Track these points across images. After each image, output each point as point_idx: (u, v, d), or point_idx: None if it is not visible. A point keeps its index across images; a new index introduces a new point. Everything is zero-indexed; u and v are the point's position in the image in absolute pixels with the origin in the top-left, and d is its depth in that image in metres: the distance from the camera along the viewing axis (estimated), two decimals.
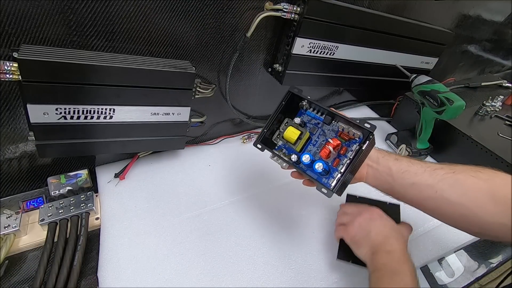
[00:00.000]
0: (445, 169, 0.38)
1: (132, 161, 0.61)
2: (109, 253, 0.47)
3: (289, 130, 0.44)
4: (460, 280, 0.52)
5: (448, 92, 0.61)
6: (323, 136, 0.44)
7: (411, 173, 0.39)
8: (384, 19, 0.65)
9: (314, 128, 0.45)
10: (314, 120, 0.46)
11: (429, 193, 0.38)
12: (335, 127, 0.44)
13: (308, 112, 0.46)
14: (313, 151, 0.44)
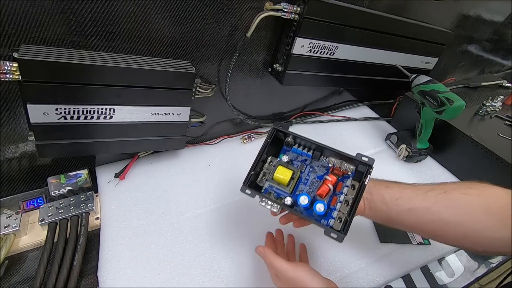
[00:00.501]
0: (436, 190, 0.38)
1: (132, 161, 0.61)
2: (109, 253, 0.47)
3: (280, 171, 0.40)
4: (460, 280, 0.52)
5: (448, 92, 0.61)
6: (314, 173, 0.41)
7: (404, 199, 0.39)
8: (384, 19, 0.65)
9: (302, 166, 0.42)
10: (301, 156, 0.42)
11: (427, 217, 0.37)
12: (325, 162, 0.41)
13: (293, 149, 0.43)
14: (306, 190, 0.40)
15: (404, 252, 0.52)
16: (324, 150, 0.40)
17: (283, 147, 0.44)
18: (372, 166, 0.36)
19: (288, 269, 0.37)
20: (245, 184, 0.40)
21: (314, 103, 0.84)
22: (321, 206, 0.37)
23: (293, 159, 0.43)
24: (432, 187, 0.39)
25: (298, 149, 0.42)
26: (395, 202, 0.39)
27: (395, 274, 0.50)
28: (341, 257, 0.51)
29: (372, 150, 0.76)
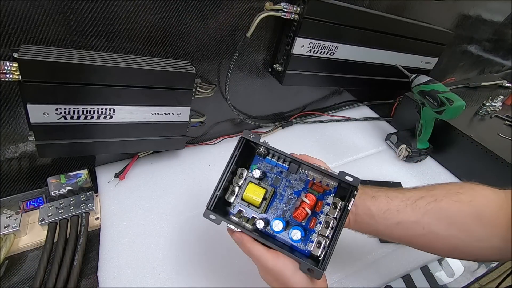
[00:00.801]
0: (426, 198, 0.36)
1: (132, 161, 0.61)
2: (109, 253, 0.47)
3: (250, 190, 0.36)
4: (460, 280, 0.52)
5: (448, 92, 0.61)
6: (290, 188, 0.37)
7: (392, 211, 0.36)
8: (384, 19, 0.65)
9: (277, 179, 0.37)
10: (276, 168, 0.37)
11: (417, 231, 0.36)
12: (303, 175, 0.37)
13: (267, 160, 0.37)
14: (281, 208, 0.36)
15: (404, 252, 0.52)
16: (302, 164, 0.36)
17: (256, 157, 0.38)
18: (357, 187, 0.32)
19: (267, 258, 0.32)
20: (209, 207, 0.34)
21: (314, 103, 0.84)
22: (297, 233, 0.33)
23: (267, 171, 0.38)
24: (421, 193, 0.37)
25: (272, 159, 0.37)
26: (382, 216, 0.36)
27: (395, 274, 0.50)
28: (341, 257, 0.51)
29: (372, 150, 0.76)
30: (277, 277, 0.32)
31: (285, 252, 0.32)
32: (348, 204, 0.32)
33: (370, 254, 0.51)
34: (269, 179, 0.37)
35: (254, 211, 0.36)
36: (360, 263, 0.50)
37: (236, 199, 0.37)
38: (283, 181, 0.37)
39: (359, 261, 0.50)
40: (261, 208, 0.36)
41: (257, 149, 0.37)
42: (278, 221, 0.34)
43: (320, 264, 0.31)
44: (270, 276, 0.33)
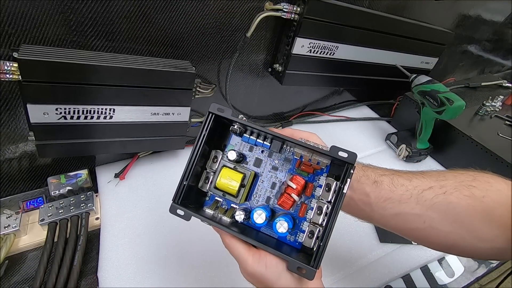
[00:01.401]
0: (435, 190, 0.32)
1: (132, 161, 0.61)
2: (109, 253, 0.47)
3: (225, 175, 0.30)
4: (460, 280, 0.52)
5: (448, 92, 0.61)
6: (274, 170, 0.31)
7: (394, 201, 0.32)
8: (384, 19, 0.65)
9: (259, 161, 0.32)
10: (256, 148, 0.32)
11: (416, 224, 0.32)
12: (289, 154, 0.31)
13: (244, 138, 0.31)
14: (264, 195, 0.31)
15: (404, 252, 0.52)
16: (285, 140, 0.30)
17: (231, 135, 0.32)
18: (354, 165, 0.27)
19: (246, 260, 0.28)
20: (176, 201, 0.29)
21: (314, 103, 0.84)
22: (283, 224, 0.28)
23: (246, 152, 0.32)
24: (430, 182, 0.33)
25: (250, 137, 0.31)
26: (381, 205, 0.33)
27: (395, 274, 0.50)
28: (341, 257, 0.51)
29: (372, 150, 0.76)
30: (259, 281, 0.29)
31: (270, 249, 0.27)
32: (344, 186, 0.27)
33: (370, 254, 0.51)
34: (248, 161, 0.31)
35: (232, 201, 0.31)
36: (360, 263, 0.50)
37: (210, 187, 0.31)
38: (266, 162, 0.31)
39: (359, 261, 0.50)
40: (239, 197, 0.30)
41: (231, 126, 0.30)
42: (260, 211, 0.28)
43: (312, 261, 0.27)
44: (251, 278, 0.29)
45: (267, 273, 0.28)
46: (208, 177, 0.31)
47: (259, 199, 0.32)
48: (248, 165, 0.32)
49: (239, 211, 0.29)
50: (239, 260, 0.29)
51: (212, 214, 0.31)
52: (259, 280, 0.28)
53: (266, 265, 0.28)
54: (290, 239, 0.30)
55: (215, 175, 0.31)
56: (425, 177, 0.34)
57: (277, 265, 0.28)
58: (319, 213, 0.29)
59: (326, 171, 0.30)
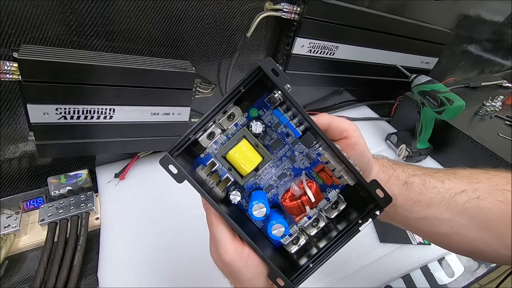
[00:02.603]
0: (468, 193, 0.30)
1: (132, 161, 0.61)
2: (109, 253, 0.47)
3: (242, 151, 0.25)
4: (460, 280, 0.51)
5: (448, 92, 0.61)
6: (290, 161, 0.27)
7: (423, 204, 0.30)
8: (384, 19, 0.65)
9: (278, 143, 0.27)
10: (283, 128, 0.27)
11: (442, 229, 0.30)
12: (314, 152, 0.27)
13: (275, 112, 0.26)
14: (267, 179, 0.28)
15: (404, 252, 0.52)
16: (321, 140, 0.25)
17: (261, 99, 0.26)
18: (384, 208, 0.24)
19: (227, 248, 0.26)
20: (172, 152, 0.25)
21: (314, 103, 0.84)
22: (279, 228, 0.25)
23: (269, 125, 0.27)
24: (463, 185, 0.30)
25: (284, 115, 0.25)
26: (408, 208, 0.30)
27: (395, 274, 0.50)
28: (341, 257, 0.51)
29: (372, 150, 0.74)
30: (231, 273, 0.27)
31: (259, 252, 0.25)
32: (362, 224, 0.24)
33: (370, 254, 0.51)
34: (267, 138, 0.27)
35: (235, 178, 0.26)
36: (360, 263, 0.50)
37: (212, 146, 0.26)
38: (285, 149, 0.27)
39: (359, 261, 0.50)
40: (245, 179, 0.26)
41: (272, 92, 0.24)
42: (260, 205, 0.25)
43: (294, 277, 0.24)
44: (222, 266, 0.28)
45: (244, 270, 0.26)
46: (213, 132, 0.26)
47: (260, 182, 0.28)
48: (265, 143, 0.27)
49: (236, 192, 0.26)
50: (218, 244, 0.27)
51: (204, 179, 0.26)
52: (230, 272, 0.27)
53: (246, 262, 0.26)
54: None
55: (225, 138, 0.26)
56: (457, 178, 0.31)
57: (257, 267, 0.26)
58: (313, 225, 0.27)
59: (341, 188, 0.28)
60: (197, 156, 0.27)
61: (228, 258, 0.26)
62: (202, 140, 0.26)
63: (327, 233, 0.27)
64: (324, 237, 0.27)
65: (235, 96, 0.24)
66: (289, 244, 0.27)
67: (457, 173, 0.32)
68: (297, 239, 0.27)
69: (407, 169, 0.32)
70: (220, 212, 0.25)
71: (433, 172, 0.32)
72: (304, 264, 0.25)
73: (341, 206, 0.27)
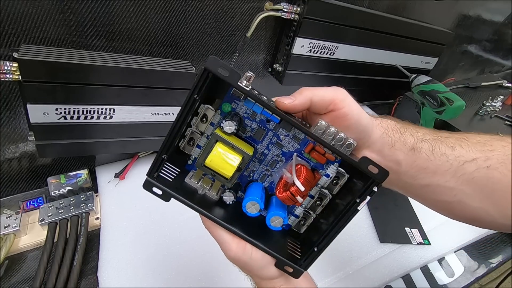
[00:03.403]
0: (478, 162, 0.28)
1: (132, 161, 0.61)
2: (109, 253, 0.47)
3: (218, 155, 0.25)
4: (460, 280, 0.51)
5: (448, 92, 0.61)
6: (278, 146, 0.27)
7: (428, 171, 0.28)
8: (384, 19, 0.65)
9: (260, 132, 0.26)
10: (260, 116, 0.26)
11: (445, 197, 0.29)
12: (296, 133, 0.26)
13: (246, 103, 0.26)
14: (260, 171, 0.27)
15: (404, 252, 0.52)
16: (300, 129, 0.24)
17: (229, 93, 0.26)
18: (381, 184, 0.24)
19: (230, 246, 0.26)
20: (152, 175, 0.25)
21: None
22: (277, 220, 0.25)
23: (245, 116, 0.26)
24: (475, 153, 0.28)
25: (255, 104, 0.25)
26: (412, 174, 0.29)
27: (395, 274, 0.50)
28: (341, 257, 0.51)
29: None
30: (243, 266, 0.27)
31: (257, 244, 0.25)
32: (360, 202, 0.24)
33: (370, 254, 0.51)
34: (248, 130, 0.26)
35: (222, 182, 0.26)
36: (360, 263, 0.50)
37: (196, 151, 0.26)
38: (269, 135, 0.26)
39: (359, 261, 0.50)
40: (232, 181, 0.26)
41: (233, 90, 0.25)
42: (253, 202, 0.25)
43: (302, 260, 0.25)
44: (235, 262, 0.28)
45: (251, 263, 0.27)
46: (193, 138, 0.26)
47: (253, 175, 0.28)
48: (246, 135, 0.26)
49: (228, 192, 0.26)
50: (221, 245, 0.27)
51: (195, 186, 0.27)
52: (243, 266, 0.27)
53: (251, 256, 0.26)
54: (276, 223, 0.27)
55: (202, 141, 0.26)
56: (470, 144, 0.29)
57: (263, 258, 0.26)
58: (318, 203, 0.26)
59: (339, 161, 0.26)
60: (186, 164, 0.27)
61: (232, 255, 0.26)
62: (185, 148, 0.26)
63: (335, 208, 0.27)
64: (332, 213, 0.26)
65: (191, 106, 0.24)
66: (298, 225, 0.28)
67: (470, 139, 0.30)
68: (304, 219, 0.27)
69: (417, 133, 0.30)
70: (212, 219, 0.25)
71: (444, 137, 0.30)
72: (310, 249, 0.25)
73: (342, 181, 0.26)
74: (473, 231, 0.57)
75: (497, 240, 0.58)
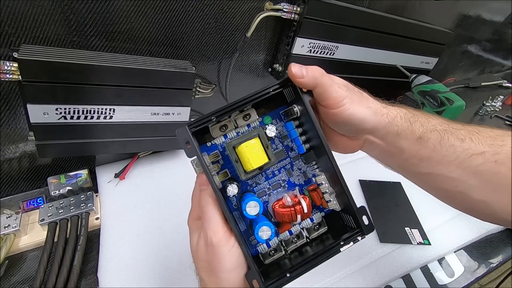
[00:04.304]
0: (486, 156, 0.27)
1: (132, 161, 0.61)
2: (109, 253, 0.47)
3: (252, 148, 0.26)
4: (460, 280, 0.51)
5: (448, 92, 0.61)
6: (288, 173, 0.29)
7: (432, 161, 0.28)
8: (384, 19, 0.65)
9: (281, 154, 0.29)
10: (289, 142, 0.29)
11: (446, 186, 0.29)
12: (311, 171, 0.29)
13: (288, 124, 0.28)
14: (262, 186, 0.29)
15: (404, 252, 0.52)
16: (323, 159, 0.27)
17: (277, 111, 0.29)
18: (365, 236, 0.26)
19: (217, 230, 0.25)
20: (190, 126, 0.25)
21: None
22: (266, 231, 0.26)
23: (278, 136, 0.29)
24: (484, 147, 0.28)
25: (295, 129, 0.28)
26: (415, 162, 0.29)
27: (395, 274, 0.50)
28: (341, 257, 0.50)
29: None
30: (211, 259, 0.26)
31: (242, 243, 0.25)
32: (344, 245, 0.26)
33: (370, 254, 0.51)
34: (272, 147, 0.28)
35: (237, 171, 0.27)
36: (360, 263, 0.50)
37: (221, 138, 0.28)
38: (286, 161, 0.29)
39: (359, 261, 0.50)
40: (247, 176, 0.27)
41: (292, 106, 0.27)
42: (256, 203, 0.26)
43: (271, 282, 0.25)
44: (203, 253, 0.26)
45: (227, 257, 0.25)
46: (226, 125, 0.27)
47: (255, 187, 0.29)
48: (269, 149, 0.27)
49: (234, 185, 0.26)
50: (209, 225, 0.26)
51: (207, 163, 0.27)
52: (212, 258, 0.26)
53: (231, 249, 0.25)
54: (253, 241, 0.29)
55: (236, 134, 0.28)
56: (480, 138, 0.29)
57: (239, 257, 0.26)
58: (294, 241, 0.28)
59: (327, 212, 0.30)
60: (204, 144, 0.28)
61: (215, 240, 0.25)
62: (214, 130, 0.27)
63: (303, 253, 0.29)
64: (300, 256, 0.28)
65: (262, 96, 0.26)
66: (266, 254, 0.28)
67: (482, 132, 0.30)
68: (274, 251, 0.28)
69: (428, 123, 0.30)
70: (219, 197, 0.25)
71: (456, 129, 0.30)
72: (282, 274, 0.26)
73: (322, 229, 0.29)
74: (473, 231, 0.57)
75: (497, 240, 0.58)
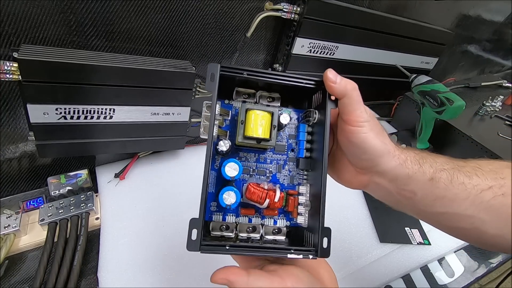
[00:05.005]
0: (494, 190, 0.28)
1: (132, 161, 0.61)
2: (109, 253, 0.47)
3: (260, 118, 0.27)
4: (460, 280, 0.52)
5: (448, 92, 0.61)
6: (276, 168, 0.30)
7: (446, 200, 0.29)
8: (384, 19, 0.65)
9: (281, 148, 0.30)
10: (294, 142, 0.30)
11: (462, 224, 0.29)
12: (298, 179, 0.30)
13: (302, 125, 0.30)
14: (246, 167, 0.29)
15: (404, 252, 0.52)
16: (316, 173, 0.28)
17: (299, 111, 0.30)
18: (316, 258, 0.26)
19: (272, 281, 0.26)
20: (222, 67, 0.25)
21: None
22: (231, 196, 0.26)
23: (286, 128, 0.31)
24: (490, 182, 0.29)
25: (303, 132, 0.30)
26: (429, 203, 0.29)
27: (395, 274, 0.50)
28: (341, 257, 0.51)
29: None
30: None
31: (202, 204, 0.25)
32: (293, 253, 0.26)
33: (370, 254, 0.51)
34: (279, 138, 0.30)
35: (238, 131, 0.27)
36: (360, 263, 0.50)
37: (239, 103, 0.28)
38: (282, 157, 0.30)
39: (359, 261, 0.50)
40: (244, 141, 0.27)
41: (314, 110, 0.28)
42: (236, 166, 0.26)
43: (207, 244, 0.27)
44: None
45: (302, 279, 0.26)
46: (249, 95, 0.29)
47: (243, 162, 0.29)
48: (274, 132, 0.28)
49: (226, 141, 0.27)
50: None
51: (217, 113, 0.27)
52: None
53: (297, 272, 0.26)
54: None
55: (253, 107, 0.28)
56: (484, 173, 0.30)
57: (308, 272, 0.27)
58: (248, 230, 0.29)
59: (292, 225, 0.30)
60: (222, 100, 0.29)
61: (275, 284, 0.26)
62: (239, 92, 0.29)
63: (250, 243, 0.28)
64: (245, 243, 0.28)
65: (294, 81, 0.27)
66: (216, 226, 0.29)
67: (483, 167, 0.31)
68: (225, 228, 0.28)
69: (435, 163, 0.31)
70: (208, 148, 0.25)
71: (461, 166, 0.31)
72: (223, 244, 0.26)
73: (279, 237, 0.29)
74: None
75: None
